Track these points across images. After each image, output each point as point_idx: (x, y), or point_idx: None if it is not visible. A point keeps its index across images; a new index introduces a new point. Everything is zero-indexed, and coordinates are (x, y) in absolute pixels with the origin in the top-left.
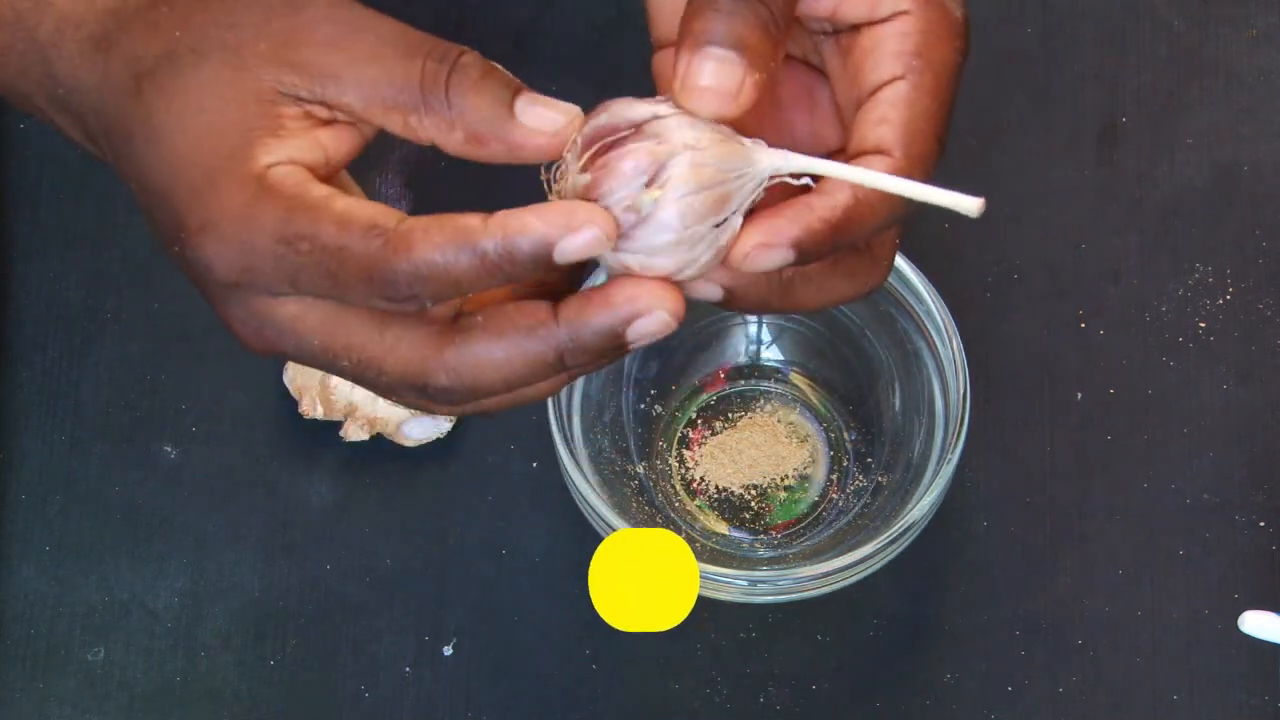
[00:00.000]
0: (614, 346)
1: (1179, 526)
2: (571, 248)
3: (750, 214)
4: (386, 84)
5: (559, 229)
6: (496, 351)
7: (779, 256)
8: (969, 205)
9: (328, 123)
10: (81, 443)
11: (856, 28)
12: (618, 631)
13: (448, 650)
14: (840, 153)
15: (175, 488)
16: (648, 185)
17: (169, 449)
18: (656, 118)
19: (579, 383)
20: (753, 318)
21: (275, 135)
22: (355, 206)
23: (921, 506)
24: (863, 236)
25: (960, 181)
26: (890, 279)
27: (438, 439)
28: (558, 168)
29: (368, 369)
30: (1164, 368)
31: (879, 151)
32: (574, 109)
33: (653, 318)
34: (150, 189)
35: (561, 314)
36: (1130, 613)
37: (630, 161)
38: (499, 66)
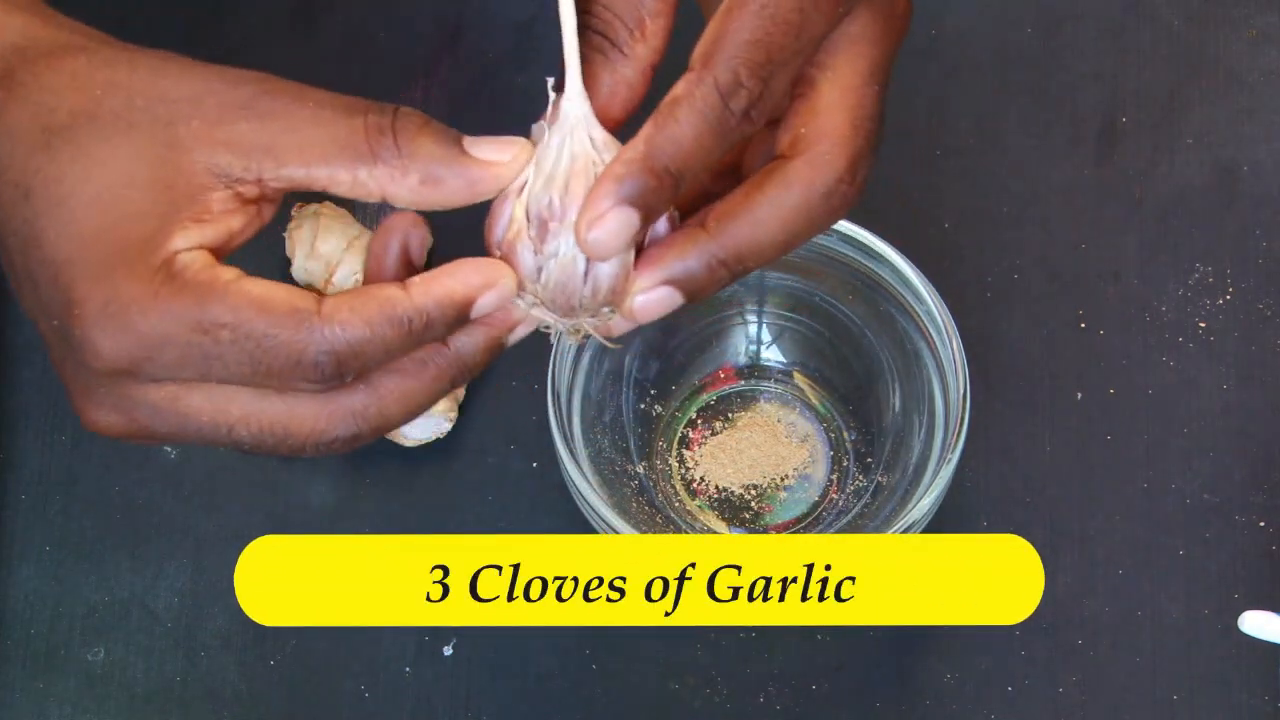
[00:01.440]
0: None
1: (1179, 526)
2: (488, 303)
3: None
4: (331, 142)
5: (477, 287)
6: (406, 384)
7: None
8: None
9: (250, 202)
10: (81, 443)
11: None
12: (618, 631)
13: (448, 650)
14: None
15: (175, 488)
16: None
17: (169, 449)
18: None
19: (579, 382)
20: (753, 317)
21: (198, 221)
22: (269, 290)
23: (921, 506)
24: (683, 157)
25: (961, 181)
26: (890, 279)
27: (438, 439)
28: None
29: (270, 434)
30: (1164, 368)
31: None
32: (521, 140)
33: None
34: (41, 256)
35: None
36: (1130, 613)
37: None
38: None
